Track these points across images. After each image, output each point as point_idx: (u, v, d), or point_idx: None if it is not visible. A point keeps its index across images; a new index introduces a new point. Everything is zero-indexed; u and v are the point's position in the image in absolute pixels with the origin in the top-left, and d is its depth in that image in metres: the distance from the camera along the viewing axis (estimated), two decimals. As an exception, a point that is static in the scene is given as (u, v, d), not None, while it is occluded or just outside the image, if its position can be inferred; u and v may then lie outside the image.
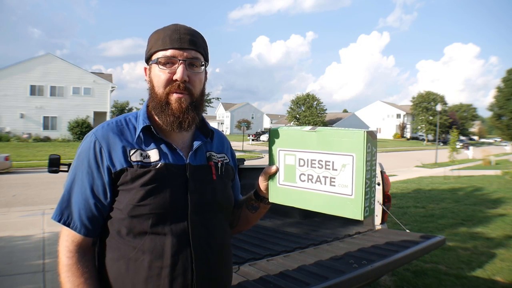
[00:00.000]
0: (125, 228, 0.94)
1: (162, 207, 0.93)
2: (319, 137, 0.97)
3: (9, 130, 26.43)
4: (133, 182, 0.93)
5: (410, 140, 61.34)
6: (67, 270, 0.93)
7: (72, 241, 0.96)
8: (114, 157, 0.95)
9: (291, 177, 1.01)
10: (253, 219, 1.17)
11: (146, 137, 1.00)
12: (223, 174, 1.09)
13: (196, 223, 0.98)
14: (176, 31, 0.98)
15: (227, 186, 1.10)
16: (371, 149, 0.92)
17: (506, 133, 37.29)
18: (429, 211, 6.84)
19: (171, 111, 0.98)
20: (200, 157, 1.05)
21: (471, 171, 15.04)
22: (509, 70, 35.88)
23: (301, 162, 0.99)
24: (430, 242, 2.52)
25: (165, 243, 0.93)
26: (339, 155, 0.93)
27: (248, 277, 1.93)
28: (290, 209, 4.06)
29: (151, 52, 1.00)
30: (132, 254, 0.93)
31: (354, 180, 0.90)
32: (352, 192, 0.90)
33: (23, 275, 3.57)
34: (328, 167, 0.94)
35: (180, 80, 0.96)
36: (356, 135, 0.90)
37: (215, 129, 1.15)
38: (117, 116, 1.07)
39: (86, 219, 0.95)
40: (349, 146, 0.91)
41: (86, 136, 1.01)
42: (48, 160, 3.18)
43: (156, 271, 0.92)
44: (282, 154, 1.03)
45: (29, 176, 11.75)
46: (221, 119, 76.53)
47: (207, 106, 30.70)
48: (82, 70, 30.31)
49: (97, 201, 0.95)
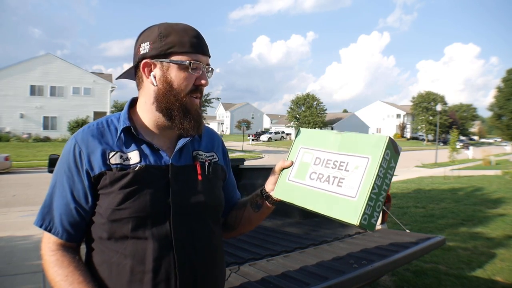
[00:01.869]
0: (106, 233, 0.92)
1: (142, 210, 0.90)
2: (342, 139, 0.97)
3: (9, 130, 26.43)
4: (112, 186, 0.91)
5: (410, 140, 61.31)
6: (53, 266, 0.92)
7: (54, 242, 0.95)
8: (93, 161, 0.93)
9: (302, 175, 1.01)
10: (256, 220, 1.14)
11: (127, 139, 0.97)
12: (211, 174, 1.05)
13: (179, 226, 0.94)
14: (198, 36, 0.98)
15: (215, 187, 1.06)
16: (390, 158, 0.90)
17: (506, 133, 37.29)
18: (429, 211, 6.85)
19: (191, 116, 0.98)
20: (185, 157, 1.02)
21: (471, 171, 15.05)
22: (509, 70, 35.87)
23: (317, 160, 0.99)
24: (430, 242, 2.52)
25: (146, 247, 0.90)
26: (355, 157, 0.92)
27: (248, 277, 1.93)
28: (290, 209, 4.04)
29: (172, 51, 0.94)
30: (115, 259, 0.91)
31: (362, 182, 0.87)
32: (356, 194, 0.87)
33: (23, 275, 3.57)
34: (341, 168, 0.93)
35: (205, 86, 0.99)
36: (378, 138, 0.89)
37: (205, 127, 1.12)
38: (99, 118, 1.04)
39: (67, 224, 0.94)
40: (368, 149, 0.90)
41: (68, 139, 0.99)
42: (48, 160, 3.18)
43: (138, 276, 0.90)
44: (302, 151, 1.04)
45: (29, 176, 11.76)
46: (221, 119, 76.53)
47: (207, 106, 30.59)
48: (82, 70, 30.33)
49: (78, 205, 0.93)
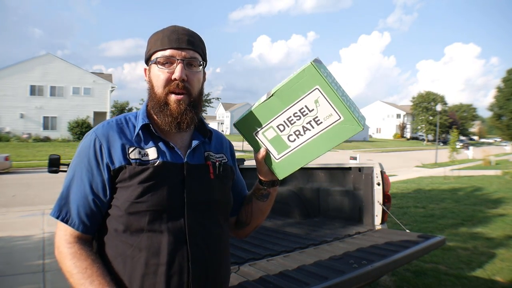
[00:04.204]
0: (122, 225, 0.94)
1: (159, 204, 0.94)
2: (279, 97, 0.99)
3: (9, 130, 26.41)
4: (131, 180, 0.94)
5: (410, 140, 61.33)
6: (71, 258, 0.93)
7: (71, 235, 0.96)
8: (114, 155, 0.96)
9: (283, 146, 1.03)
10: (266, 207, 1.18)
11: (145, 136, 1.01)
12: (221, 174, 1.09)
13: (193, 222, 0.98)
14: (174, 32, 1.00)
15: (225, 186, 1.11)
16: (326, 73, 0.95)
17: (506, 133, 37.26)
18: (429, 211, 6.84)
19: (169, 112, 0.99)
20: (198, 157, 1.06)
21: (471, 171, 15.04)
22: (509, 70, 35.85)
23: (281, 127, 1.01)
24: (430, 242, 2.52)
25: (161, 240, 0.93)
26: (306, 96, 0.95)
27: (248, 277, 1.93)
28: (290, 209, 4.02)
29: (150, 52, 1.02)
30: (129, 252, 0.94)
31: (333, 105, 0.93)
32: (339, 115, 0.93)
33: (23, 275, 3.57)
34: (305, 113, 0.97)
35: (179, 79, 0.97)
36: (307, 70, 0.93)
37: (214, 130, 1.17)
38: (117, 116, 1.08)
39: (84, 215, 0.96)
40: (308, 83, 0.94)
41: (86, 134, 1.02)
42: (48, 160, 3.18)
43: (152, 268, 0.92)
44: (261, 135, 1.05)
45: (29, 176, 11.76)
46: (221, 119, 76.45)
47: (207, 106, 30.65)
48: (82, 70, 30.30)
49: (96, 197, 0.96)
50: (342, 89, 0.97)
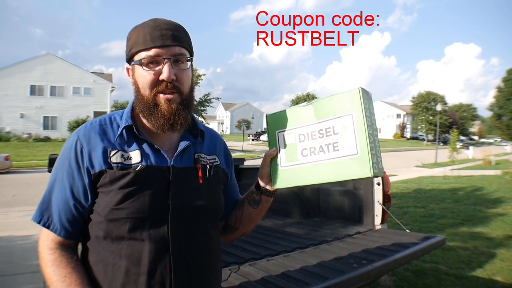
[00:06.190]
0: (103, 232, 0.90)
1: (141, 211, 0.89)
2: (316, 108, 0.95)
3: (9, 130, 26.43)
4: (111, 185, 0.89)
5: (410, 140, 61.34)
6: (51, 265, 0.90)
7: (52, 240, 0.93)
8: (94, 158, 0.91)
9: (293, 156, 0.98)
10: (256, 216, 1.12)
11: (129, 137, 0.95)
12: (212, 178, 1.02)
13: (177, 229, 0.92)
14: (156, 28, 0.92)
15: (215, 190, 1.04)
16: (369, 106, 0.90)
17: (506, 133, 37.23)
18: (429, 211, 6.85)
19: (160, 113, 0.92)
20: (186, 159, 0.99)
21: (471, 171, 15.05)
22: (509, 70, 35.83)
23: (301, 137, 0.97)
24: (430, 242, 2.52)
25: (143, 249, 0.89)
26: (338, 119, 0.91)
27: (248, 277, 1.93)
28: (290, 209, 4.02)
29: (132, 52, 0.94)
30: (110, 259, 0.89)
31: (356, 138, 0.87)
32: (357, 150, 0.87)
33: (23, 275, 3.57)
34: (329, 134, 0.92)
35: (168, 80, 0.90)
36: (352, 93, 0.89)
37: (207, 129, 1.10)
38: (103, 115, 1.01)
39: (66, 221, 0.92)
40: (346, 107, 0.90)
41: (70, 135, 0.97)
42: (48, 160, 3.18)
43: (133, 277, 0.88)
44: (281, 135, 1.01)
45: (29, 176, 11.76)
46: (221, 119, 76.51)
47: (207, 106, 30.49)
48: (82, 70, 30.35)
49: (77, 202, 0.92)
50: (375, 131, 0.92)
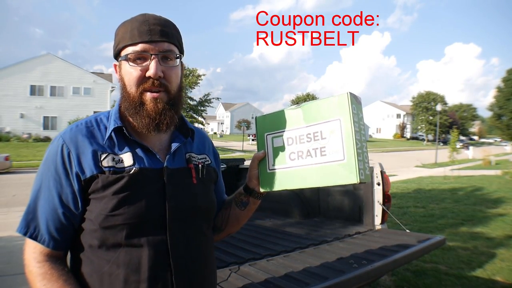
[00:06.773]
0: (97, 241, 0.85)
1: (138, 216, 0.85)
2: (305, 112, 0.95)
3: (9, 130, 26.42)
4: (104, 190, 0.85)
5: (410, 140, 61.37)
6: (41, 279, 0.84)
7: (40, 252, 0.87)
8: (84, 163, 0.86)
9: (281, 160, 0.97)
10: (243, 217, 1.11)
11: (119, 139, 0.91)
12: (204, 177, 1.00)
13: (175, 232, 0.90)
14: (144, 22, 0.89)
15: (209, 190, 1.03)
16: (357, 111, 0.90)
17: (506, 133, 37.23)
18: (429, 211, 6.85)
19: (146, 112, 0.89)
20: (179, 159, 0.97)
21: (471, 171, 15.05)
22: (509, 70, 35.82)
23: (290, 141, 0.97)
24: (430, 242, 2.52)
25: (141, 255, 0.85)
26: (326, 123, 0.91)
27: (248, 277, 1.93)
28: (290, 209, 4.02)
29: (119, 47, 0.91)
30: (106, 268, 0.85)
31: (344, 143, 0.87)
32: (343, 155, 0.86)
33: (23, 275, 3.55)
34: (317, 138, 0.92)
35: (154, 77, 0.87)
36: (340, 98, 0.89)
37: (195, 128, 1.08)
38: (88, 117, 0.97)
39: (54, 230, 0.86)
40: (334, 111, 0.89)
41: (53, 139, 0.91)
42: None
43: (133, 286, 0.84)
44: (270, 138, 1.01)
45: (29, 176, 11.75)
46: (221, 119, 76.49)
47: (207, 106, 30.45)
48: (82, 70, 30.36)
49: (66, 210, 0.86)
50: (364, 137, 0.91)
